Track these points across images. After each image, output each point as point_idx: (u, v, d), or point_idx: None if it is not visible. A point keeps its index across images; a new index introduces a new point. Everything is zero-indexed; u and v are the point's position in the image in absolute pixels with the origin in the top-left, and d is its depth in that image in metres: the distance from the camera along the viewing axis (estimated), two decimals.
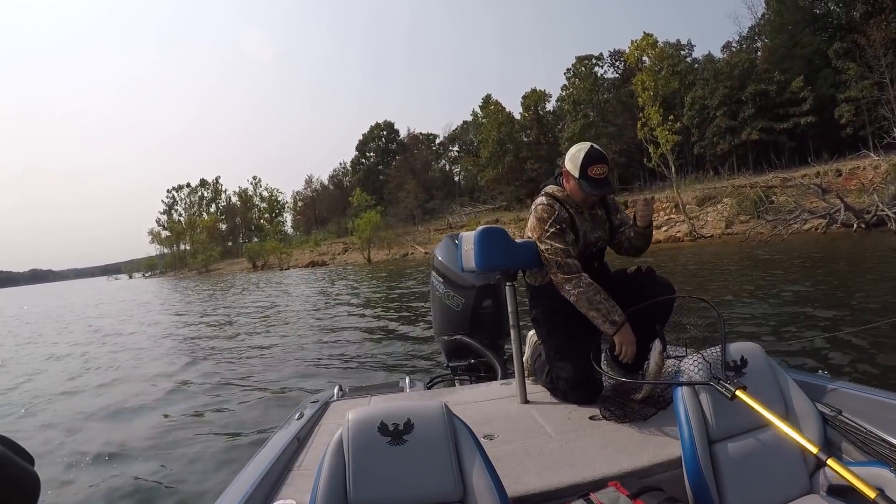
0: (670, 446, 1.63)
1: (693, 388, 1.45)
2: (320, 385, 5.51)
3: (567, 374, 2.14)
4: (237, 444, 4.17)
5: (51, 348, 11.73)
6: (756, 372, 1.51)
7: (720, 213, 24.88)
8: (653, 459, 1.59)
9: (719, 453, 1.40)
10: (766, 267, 11.97)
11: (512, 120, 51.19)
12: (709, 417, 1.42)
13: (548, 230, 2.10)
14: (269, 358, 7.80)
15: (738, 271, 12.11)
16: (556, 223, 2.11)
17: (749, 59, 37.69)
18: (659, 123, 26.26)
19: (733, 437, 1.43)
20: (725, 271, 12.43)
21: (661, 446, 1.66)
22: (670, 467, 1.54)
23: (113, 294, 39.44)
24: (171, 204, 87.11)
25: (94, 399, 6.39)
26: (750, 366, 1.51)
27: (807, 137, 33.87)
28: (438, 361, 5.19)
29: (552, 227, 2.10)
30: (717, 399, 1.42)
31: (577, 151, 2.11)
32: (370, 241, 44.45)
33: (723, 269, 12.94)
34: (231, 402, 5.54)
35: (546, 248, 2.10)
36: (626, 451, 1.66)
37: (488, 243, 2.21)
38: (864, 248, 13.07)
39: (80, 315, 21.67)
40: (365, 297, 16.02)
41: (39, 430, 5.28)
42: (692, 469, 1.38)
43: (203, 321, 14.21)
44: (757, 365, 1.53)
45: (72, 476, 3.93)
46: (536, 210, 2.17)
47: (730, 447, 1.42)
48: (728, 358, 1.50)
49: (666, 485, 1.38)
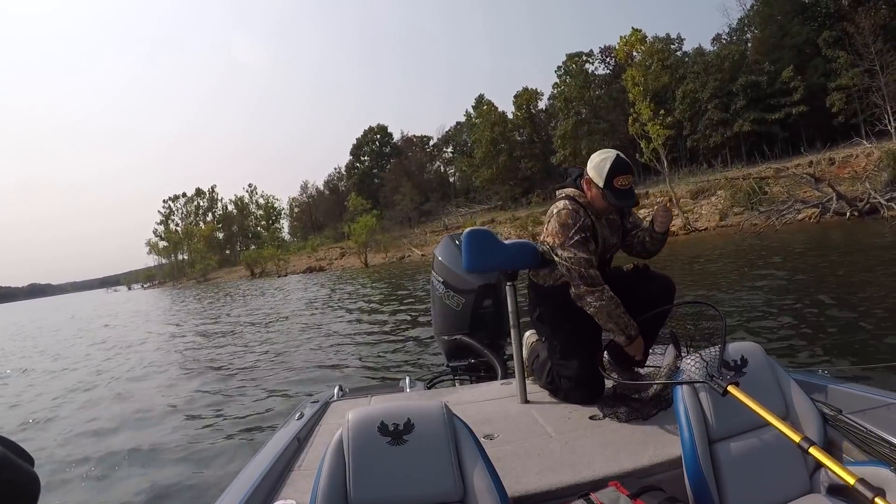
0: (670, 446, 1.62)
1: (693, 387, 1.45)
2: (320, 385, 5.57)
3: (570, 373, 2.13)
4: (237, 444, 4.20)
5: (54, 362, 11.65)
6: (756, 371, 1.51)
7: (714, 206, 24.88)
8: (653, 459, 1.59)
9: (719, 453, 1.40)
10: (756, 258, 12.05)
11: (505, 119, 51.23)
12: (709, 417, 1.42)
13: (572, 237, 2.00)
14: (269, 359, 7.82)
15: (729, 263, 12.17)
16: (580, 231, 2.01)
17: (739, 51, 37.80)
18: (650, 118, 26.24)
19: (733, 437, 1.43)
20: (718, 263, 12.50)
21: (662, 446, 1.66)
22: (670, 467, 1.53)
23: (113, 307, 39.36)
24: (167, 214, 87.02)
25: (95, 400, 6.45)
26: (750, 365, 1.51)
27: (799, 127, 33.95)
28: (439, 361, 5.19)
29: (577, 235, 2.00)
30: (717, 399, 1.42)
31: (601, 160, 2.01)
32: (367, 245, 44.44)
33: (715, 260, 13.00)
34: (231, 403, 5.57)
35: (569, 257, 2.01)
36: (627, 450, 1.66)
37: (475, 245, 2.21)
38: (856, 236, 13.10)
39: (84, 328, 21.63)
40: (364, 300, 16.02)
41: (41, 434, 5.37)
42: (692, 469, 1.38)
43: (203, 326, 14.22)
44: (757, 364, 1.53)
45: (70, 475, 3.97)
46: (560, 215, 2.05)
47: (730, 447, 1.42)
48: (728, 357, 1.51)
49: (666, 484, 1.38)
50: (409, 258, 41.13)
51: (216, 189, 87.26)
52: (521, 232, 29.88)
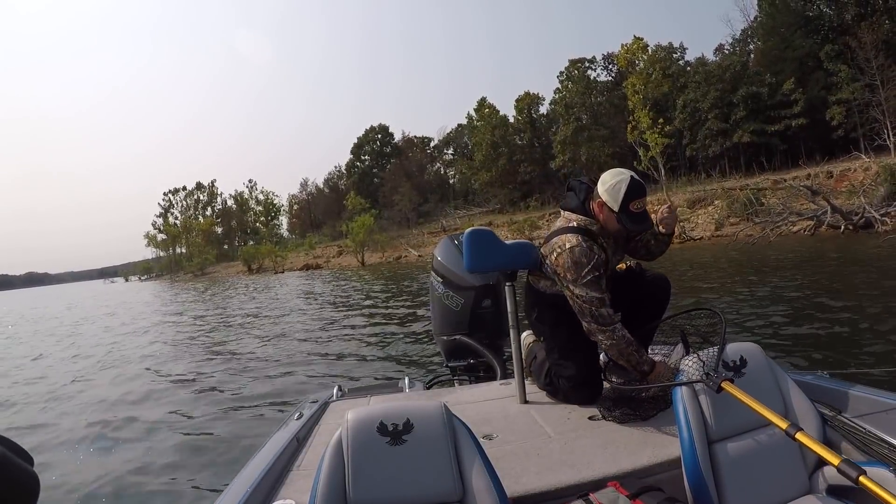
0: (670, 446, 1.62)
1: (692, 388, 1.45)
2: (319, 385, 5.59)
3: (569, 374, 2.12)
4: (237, 444, 4.18)
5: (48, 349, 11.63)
6: (755, 372, 1.52)
7: (710, 216, 24.88)
8: (652, 459, 1.59)
9: (719, 453, 1.41)
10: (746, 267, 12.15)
11: (506, 123, 51.26)
12: (708, 417, 1.43)
13: (585, 276, 1.96)
14: (268, 359, 7.80)
15: (717, 271, 12.27)
16: (594, 269, 1.96)
17: (741, 62, 37.79)
18: (649, 126, 26.28)
19: (733, 437, 1.43)
20: (703, 270, 12.61)
21: (661, 446, 1.65)
22: (670, 467, 1.54)
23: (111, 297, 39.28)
24: (167, 207, 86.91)
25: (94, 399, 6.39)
26: (749, 366, 1.52)
27: (798, 139, 33.97)
28: (438, 362, 5.20)
29: (590, 274, 1.96)
30: (716, 399, 1.42)
31: (616, 183, 1.94)
32: (364, 244, 44.46)
33: (705, 268, 13.10)
34: (230, 403, 5.54)
35: (581, 295, 1.97)
36: (626, 451, 1.66)
37: (476, 245, 2.21)
38: (851, 249, 13.18)
39: (82, 317, 21.57)
40: (362, 299, 16.03)
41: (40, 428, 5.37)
42: (691, 469, 1.38)
43: (202, 324, 14.15)
44: (756, 365, 1.53)
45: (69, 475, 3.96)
46: (573, 252, 1.97)
47: (729, 447, 1.42)
48: (727, 358, 1.51)
49: (665, 485, 1.39)
50: (406, 258, 41.14)
51: (216, 184, 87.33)
52: (518, 235, 29.88)
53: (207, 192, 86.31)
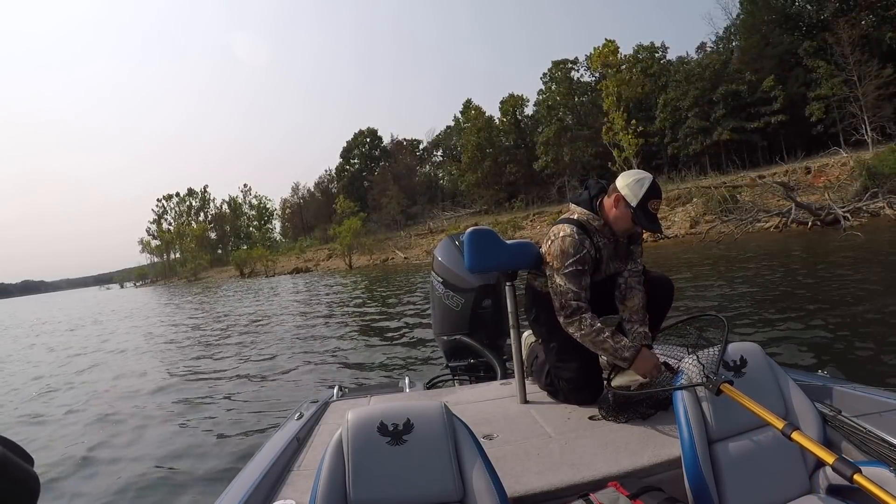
0: (670, 446, 1.62)
1: (692, 388, 1.45)
2: (320, 385, 5.59)
3: (569, 375, 2.11)
4: (237, 444, 4.18)
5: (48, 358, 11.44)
6: (755, 372, 1.51)
7: (687, 214, 24.88)
8: (652, 459, 1.58)
9: (719, 453, 1.40)
10: (690, 267, 12.24)
11: (491, 124, 51.28)
12: (708, 417, 1.42)
13: (568, 266, 1.97)
14: (268, 359, 7.79)
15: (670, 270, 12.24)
16: (578, 263, 1.97)
17: (721, 60, 37.88)
18: (622, 128, 26.23)
19: (733, 437, 1.43)
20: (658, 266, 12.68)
21: (661, 446, 1.65)
22: (670, 467, 1.53)
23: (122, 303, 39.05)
24: (160, 213, 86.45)
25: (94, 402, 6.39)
26: (749, 366, 1.51)
27: (779, 136, 34.11)
28: (438, 361, 5.20)
29: (572, 266, 1.97)
30: (716, 399, 1.42)
31: (638, 180, 1.94)
32: (351, 247, 44.51)
33: (658, 265, 13.08)
34: (231, 403, 5.53)
35: (560, 285, 1.99)
36: (626, 451, 1.65)
37: (478, 245, 2.19)
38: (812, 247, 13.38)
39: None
40: (362, 299, 16.01)
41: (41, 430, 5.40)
42: (692, 469, 1.37)
43: (198, 328, 14.09)
44: (756, 365, 1.53)
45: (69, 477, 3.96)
46: (564, 241, 1.99)
47: (730, 447, 1.42)
48: (727, 358, 1.50)
49: (666, 485, 1.38)
50: (393, 260, 41.12)
51: (208, 189, 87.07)
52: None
53: (199, 197, 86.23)
